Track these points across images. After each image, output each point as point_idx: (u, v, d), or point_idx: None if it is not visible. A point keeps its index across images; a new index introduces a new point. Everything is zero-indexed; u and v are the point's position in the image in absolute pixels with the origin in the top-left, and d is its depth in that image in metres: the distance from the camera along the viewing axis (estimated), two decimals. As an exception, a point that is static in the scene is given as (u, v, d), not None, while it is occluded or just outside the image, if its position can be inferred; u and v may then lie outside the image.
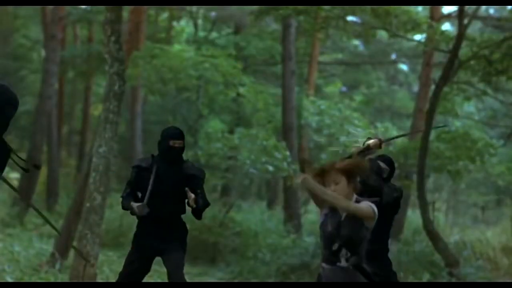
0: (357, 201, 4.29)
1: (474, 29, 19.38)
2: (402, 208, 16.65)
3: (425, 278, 11.72)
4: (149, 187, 5.41)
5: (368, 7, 11.92)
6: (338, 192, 4.19)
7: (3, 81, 4.09)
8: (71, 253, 10.04)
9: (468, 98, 14.90)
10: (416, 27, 12.19)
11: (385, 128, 19.19)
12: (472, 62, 12.06)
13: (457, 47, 11.58)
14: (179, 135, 5.53)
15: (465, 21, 11.81)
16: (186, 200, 5.44)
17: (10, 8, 23.06)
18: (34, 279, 9.20)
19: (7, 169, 5.57)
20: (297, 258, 12.79)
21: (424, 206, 12.18)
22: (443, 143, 14.37)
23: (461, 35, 11.48)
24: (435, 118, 14.06)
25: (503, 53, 11.67)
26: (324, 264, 4.27)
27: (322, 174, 4.26)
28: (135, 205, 5.41)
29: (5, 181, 4.98)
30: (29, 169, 4.91)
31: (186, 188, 5.33)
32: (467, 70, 12.48)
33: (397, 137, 8.28)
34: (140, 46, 18.08)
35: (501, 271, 13.43)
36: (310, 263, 12.39)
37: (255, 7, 13.55)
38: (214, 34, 24.74)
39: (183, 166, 5.56)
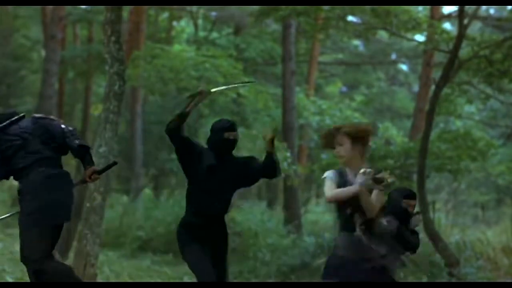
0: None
1: (474, 29, 19.39)
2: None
3: (425, 278, 11.70)
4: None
5: (368, 7, 11.91)
6: (341, 153, 4.68)
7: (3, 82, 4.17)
8: (71, 253, 10.04)
9: (470, 101, 14.89)
10: (416, 26, 12.17)
11: (385, 128, 19.21)
12: (473, 62, 12.03)
13: (457, 47, 11.56)
14: (233, 126, 5.32)
15: (465, 21, 11.79)
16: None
17: (10, 8, 23.06)
18: (34, 279, 9.17)
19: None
20: (297, 258, 12.77)
21: (424, 206, 12.17)
22: (444, 143, 14.36)
23: (461, 35, 11.46)
24: (436, 118, 14.04)
25: (504, 53, 11.64)
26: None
27: (329, 136, 4.74)
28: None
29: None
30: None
31: None
32: (468, 71, 12.45)
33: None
34: (140, 46, 18.09)
35: (501, 271, 13.39)
36: (310, 263, 12.37)
37: (255, 8, 13.53)
38: (214, 34, 24.72)
39: (235, 159, 5.33)
